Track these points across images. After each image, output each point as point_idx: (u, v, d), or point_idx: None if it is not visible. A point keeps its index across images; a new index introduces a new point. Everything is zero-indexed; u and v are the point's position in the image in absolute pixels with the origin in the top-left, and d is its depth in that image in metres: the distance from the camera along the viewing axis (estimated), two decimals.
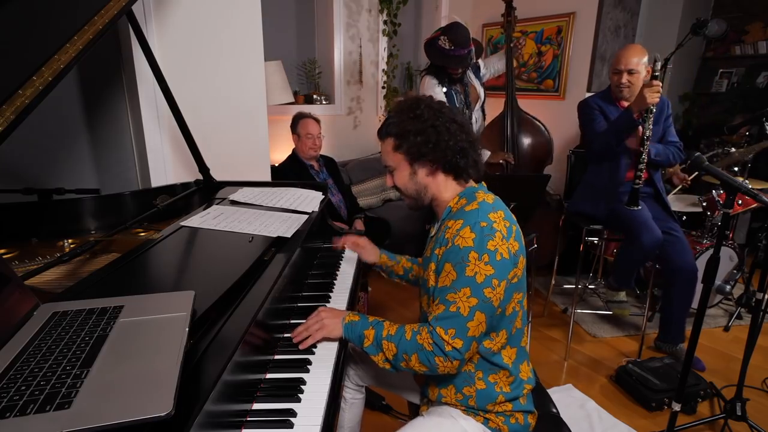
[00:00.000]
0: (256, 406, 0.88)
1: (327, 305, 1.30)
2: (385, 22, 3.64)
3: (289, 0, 3.43)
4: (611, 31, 3.48)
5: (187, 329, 0.70)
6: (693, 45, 3.88)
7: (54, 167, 1.84)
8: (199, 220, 1.33)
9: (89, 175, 1.94)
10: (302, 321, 1.12)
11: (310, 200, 1.65)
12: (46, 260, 1.13)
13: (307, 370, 1.00)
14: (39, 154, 1.78)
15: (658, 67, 2.00)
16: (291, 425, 0.84)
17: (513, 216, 1.08)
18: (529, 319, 2.40)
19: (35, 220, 1.36)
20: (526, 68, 3.78)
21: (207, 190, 1.75)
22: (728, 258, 2.72)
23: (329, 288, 1.42)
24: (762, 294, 1.94)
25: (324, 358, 1.05)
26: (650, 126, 2.09)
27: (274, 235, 1.26)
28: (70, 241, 1.31)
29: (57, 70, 0.91)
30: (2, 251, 1.22)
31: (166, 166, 1.91)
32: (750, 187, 1.46)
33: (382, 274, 1.52)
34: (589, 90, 3.42)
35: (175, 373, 0.59)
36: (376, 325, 1.06)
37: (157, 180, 1.88)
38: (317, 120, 2.65)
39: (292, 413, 0.87)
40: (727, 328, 2.72)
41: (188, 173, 1.90)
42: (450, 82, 2.54)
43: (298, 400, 0.91)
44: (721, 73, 4.25)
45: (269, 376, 0.98)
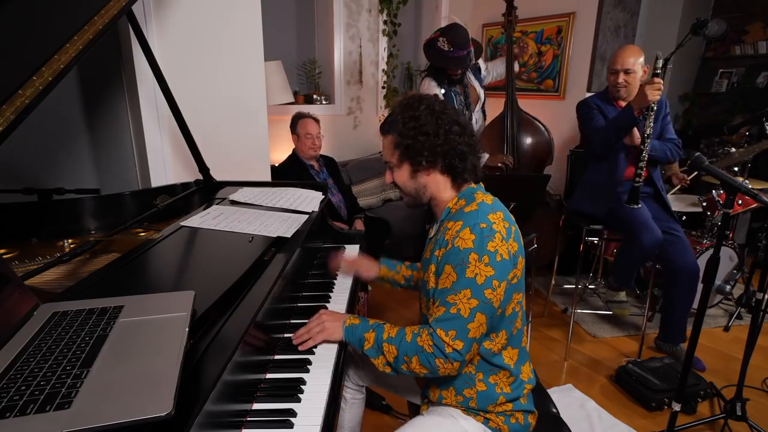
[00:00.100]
0: (256, 406, 0.88)
1: (327, 305, 1.30)
2: (385, 22, 3.64)
3: (289, 0, 3.43)
4: (611, 31, 3.48)
5: (187, 329, 0.70)
6: (693, 45, 3.88)
7: (54, 167, 1.84)
8: (199, 220, 1.33)
9: (89, 175, 1.94)
10: (302, 321, 1.13)
11: (310, 200, 1.65)
12: (46, 260, 1.13)
13: (307, 370, 1.01)
14: (39, 154, 1.78)
15: (659, 64, 1.99)
16: (291, 425, 0.84)
17: (512, 216, 1.08)
18: (529, 319, 2.40)
19: (35, 220, 1.36)
20: (527, 68, 3.79)
21: (207, 190, 1.75)
22: (728, 258, 2.72)
23: (329, 288, 1.42)
24: (762, 294, 1.94)
25: (324, 358, 1.05)
26: (651, 124, 2.09)
27: (274, 235, 1.26)
28: (70, 241, 1.31)
29: (57, 70, 0.91)
30: (2, 251, 1.22)
31: (166, 166, 1.91)
32: (750, 187, 1.46)
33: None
34: (589, 90, 3.42)
35: (175, 373, 0.59)
36: (377, 328, 1.06)
37: (157, 180, 1.88)
38: (316, 120, 2.65)
39: (292, 413, 0.87)
40: (727, 328, 2.72)
41: (188, 173, 1.90)
42: (449, 84, 2.54)
43: (298, 400, 0.91)
44: (721, 73, 4.25)
45: (269, 376, 0.98)
